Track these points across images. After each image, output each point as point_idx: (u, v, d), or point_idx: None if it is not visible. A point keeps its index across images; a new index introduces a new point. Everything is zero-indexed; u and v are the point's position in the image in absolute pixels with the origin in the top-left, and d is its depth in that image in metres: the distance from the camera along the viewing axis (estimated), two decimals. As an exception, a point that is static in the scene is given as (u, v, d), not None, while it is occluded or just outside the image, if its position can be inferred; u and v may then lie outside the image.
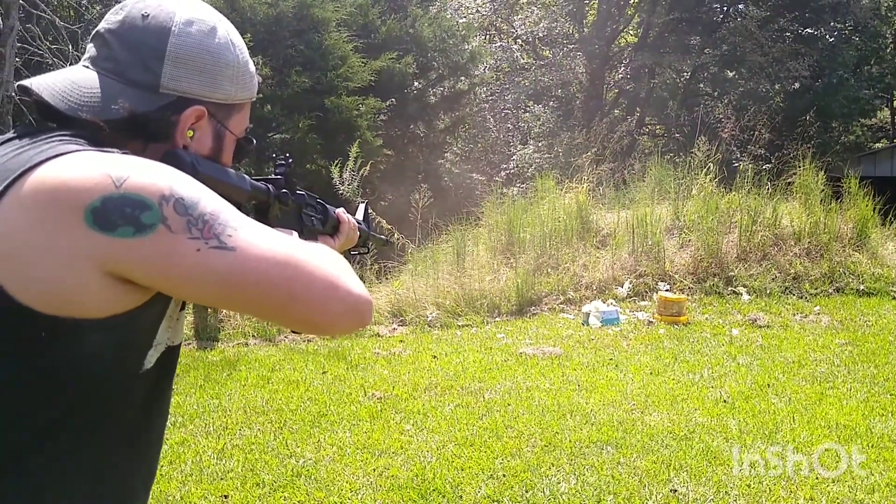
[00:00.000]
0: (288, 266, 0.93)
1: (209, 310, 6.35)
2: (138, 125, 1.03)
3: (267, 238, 0.94)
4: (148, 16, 1.04)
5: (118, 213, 0.87)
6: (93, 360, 0.94)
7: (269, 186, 1.32)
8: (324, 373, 5.35)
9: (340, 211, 1.60)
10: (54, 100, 0.99)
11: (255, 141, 1.23)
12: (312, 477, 3.59)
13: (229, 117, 1.15)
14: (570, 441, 4.01)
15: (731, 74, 17.12)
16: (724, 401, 4.66)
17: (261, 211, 1.31)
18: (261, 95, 10.30)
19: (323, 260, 0.97)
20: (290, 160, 1.44)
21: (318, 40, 11.02)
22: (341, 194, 8.31)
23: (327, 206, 1.54)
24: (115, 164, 0.91)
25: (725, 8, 18.16)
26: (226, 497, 3.40)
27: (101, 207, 0.86)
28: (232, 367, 5.51)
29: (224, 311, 6.64)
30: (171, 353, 1.09)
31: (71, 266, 0.87)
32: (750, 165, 8.74)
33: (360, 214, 1.87)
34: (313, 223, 1.46)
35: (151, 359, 1.02)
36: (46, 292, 0.88)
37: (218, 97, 1.11)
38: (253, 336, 6.53)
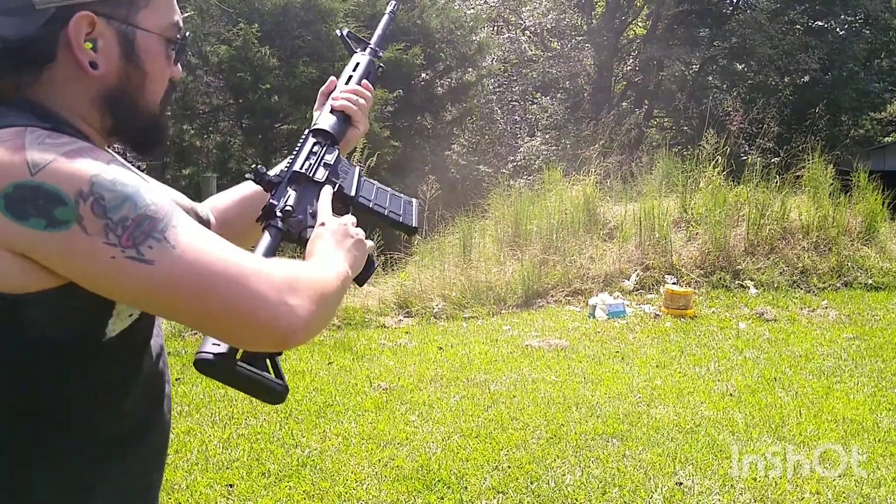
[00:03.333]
0: (208, 287, 0.89)
1: None
2: (23, 53, 0.94)
3: (194, 252, 0.89)
4: None
5: (31, 202, 0.83)
6: (37, 330, 0.89)
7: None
8: (329, 363, 5.36)
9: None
10: None
11: (186, 35, 1.10)
12: (317, 467, 3.60)
13: (134, 13, 1.01)
14: (575, 433, 4.01)
15: (740, 67, 17.05)
16: (731, 394, 4.65)
17: None
18: (268, 86, 10.32)
19: (253, 280, 0.91)
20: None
21: (325, 31, 11.00)
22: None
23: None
24: (38, 148, 0.86)
25: (735, 0, 18.07)
26: (231, 486, 3.41)
27: (13, 194, 0.83)
28: (238, 357, 5.52)
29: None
30: (146, 323, 1.02)
31: None
32: (758, 158, 8.70)
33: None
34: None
35: (115, 327, 0.95)
36: None
37: None
38: (259, 326, 6.54)
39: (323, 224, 1.18)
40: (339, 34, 1.57)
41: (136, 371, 1.02)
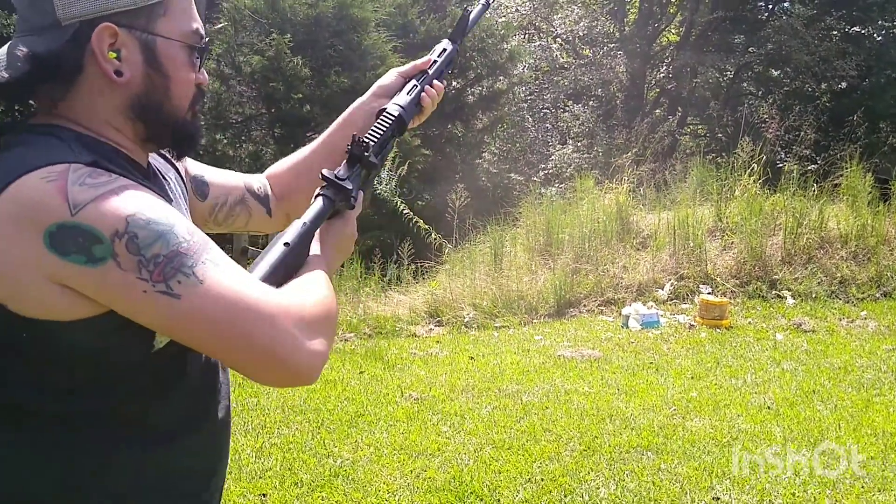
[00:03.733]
0: (231, 326, 0.95)
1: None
2: (53, 67, 1.01)
3: (219, 288, 0.95)
4: None
5: (72, 240, 0.90)
6: (88, 349, 0.97)
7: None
8: (361, 373, 5.35)
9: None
10: None
11: (206, 38, 1.15)
12: (350, 477, 3.59)
13: (153, 22, 1.07)
14: (609, 446, 3.95)
15: (775, 74, 16.81)
16: (769, 407, 4.56)
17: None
18: (300, 96, 10.39)
19: (273, 321, 0.97)
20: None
21: (357, 40, 11.04)
22: (379, 194, 8.32)
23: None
24: (79, 188, 0.92)
25: (770, 6, 17.84)
26: (264, 496, 3.41)
27: (56, 232, 0.90)
28: (270, 366, 5.53)
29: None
30: None
31: (37, 279, 0.91)
32: (795, 166, 8.56)
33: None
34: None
35: (162, 339, 1.02)
36: (20, 298, 0.93)
37: (120, 5, 1.03)
38: (291, 335, 6.56)
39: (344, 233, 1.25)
40: (465, 11, 1.56)
41: (181, 373, 1.09)
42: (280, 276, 1.09)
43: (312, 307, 1.04)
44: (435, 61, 1.50)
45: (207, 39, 1.16)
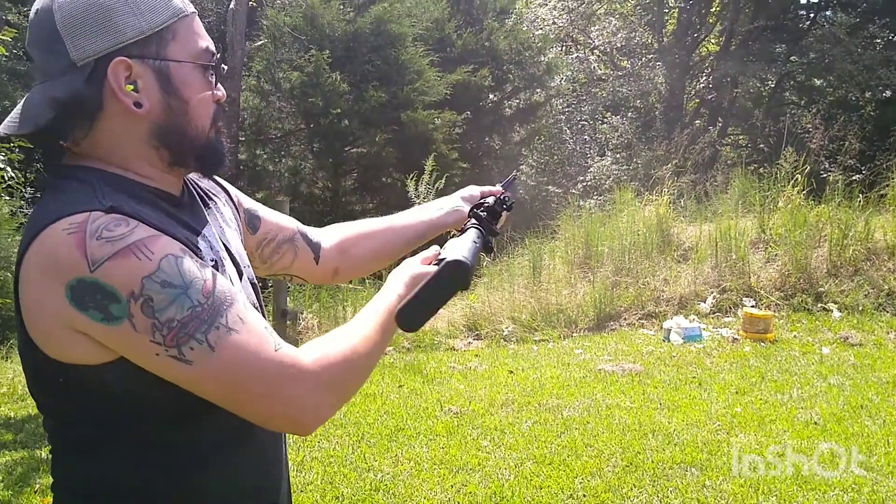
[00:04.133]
0: (240, 387, 1.00)
1: (287, 321, 6.43)
2: (75, 108, 1.04)
3: (231, 356, 0.98)
4: (37, 10, 1.06)
5: (90, 296, 0.94)
6: (119, 388, 1.01)
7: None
8: (400, 386, 5.35)
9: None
10: (9, 129, 1.06)
11: (218, 54, 1.16)
12: (390, 491, 3.58)
13: (164, 48, 1.08)
14: (652, 462, 3.89)
15: (818, 83, 16.54)
16: (815, 423, 4.46)
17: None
18: (338, 111, 10.47)
19: (282, 382, 1.00)
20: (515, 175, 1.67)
21: (394, 55, 11.13)
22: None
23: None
24: (97, 242, 0.94)
25: (812, 14, 17.59)
26: (304, 510, 3.42)
27: (76, 286, 0.94)
28: (310, 379, 5.56)
29: (302, 324, 6.73)
30: None
31: (63, 327, 0.95)
32: (840, 177, 8.39)
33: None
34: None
35: None
36: (52, 344, 0.98)
37: (129, 37, 1.05)
38: (331, 348, 6.58)
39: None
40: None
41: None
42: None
43: (334, 359, 1.06)
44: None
45: (219, 56, 1.16)
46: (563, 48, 18.45)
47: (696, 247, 7.88)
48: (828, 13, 17.16)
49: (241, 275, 1.20)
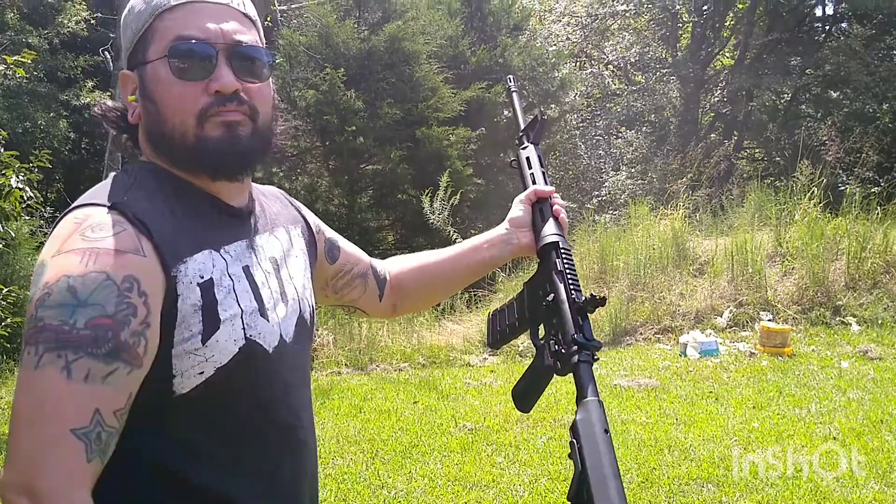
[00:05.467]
0: (16, 424, 0.92)
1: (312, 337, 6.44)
2: (114, 117, 1.16)
3: (34, 390, 0.91)
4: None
5: (34, 276, 0.99)
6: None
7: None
8: (415, 402, 5.35)
9: None
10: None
11: (192, 40, 1.06)
12: (403, 509, 3.57)
13: (146, 51, 1.08)
14: (668, 477, 3.86)
15: (834, 95, 16.45)
16: (834, 438, 4.41)
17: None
18: (353, 128, 10.53)
19: (25, 464, 0.90)
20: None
21: (409, 73, 11.18)
22: (431, 223, 8.36)
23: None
24: (77, 236, 0.98)
25: (827, 27, 17.53)
26: (318, 527, 3.41)
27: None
28: (325, 396, 5.57)
29: (317, 340, 6.75)
30: (239, 376, 1.07)
31: None
32: (857, 189, 8.33)
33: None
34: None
35: (183, 385, 1.03)
36: None
37: (126, 47, 1.12)
38: (346, 365, 6.60)
39: None
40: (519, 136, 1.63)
41: (224, 414, 1.08)
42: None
43: None
44: (542, 172, 1.53)
45: (193, 40, 1.06)
46: (577, 64, 18.47)
47: (712, 261, 7.84)
48: (843, 25, 17.09)
49: (279, 301, 1.15)
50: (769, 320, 6.92)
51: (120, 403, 0.95)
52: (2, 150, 5.35)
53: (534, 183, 1.50)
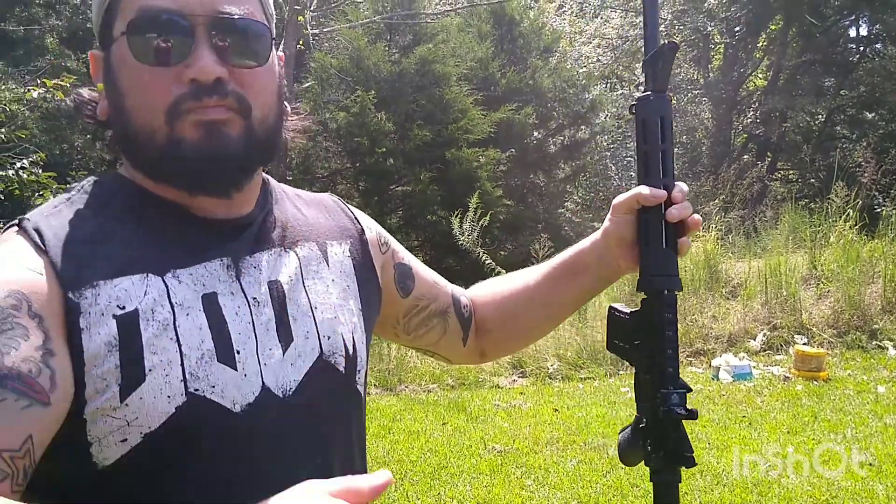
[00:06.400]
0: None
1: None
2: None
3: None
4: None
5: None
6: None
7: None
8: (444, 424, 5.33)
9: None
10: None
11: (155, 8, 0.81)
12: (431, 531, 3.55)
13: (112, 31, 0.84)
14: (700, 503, 3.80)
15: (870, 116, 16.27)
16: (870, 464, 4.31)
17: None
18: (383, 150, 10.61)
19: None
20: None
21: (439, 95, 11.26)
22: (461, 245, 8.37)
23: None
24: None
25: (861, 48, 17.38)
26: (346, 548, 3.40)
27: None
28: (354, 416, 5.56)
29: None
30: (179, 434, 0.79)
31: None
32: (893, 211, 8.21)
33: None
34: None
35: (104, 456, 0.78)
36: None
37: (94, 18, 0.88)
38: (374, 385, 6.61)
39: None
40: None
41: (166, 497, 0.81)
42: None
43: None
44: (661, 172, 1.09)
45: (174, 8, 0.81)
46: (608, 85, 18.48)
47: (745, 283, 7.75)
48: (878, 46, 16.93)
49: (272, 340, 0.88)
50: (804, 344, 6.81)
51: (12, 444, 0.71)
52: (40, 171, 5.46)
53: (646, 174, 1.08)
